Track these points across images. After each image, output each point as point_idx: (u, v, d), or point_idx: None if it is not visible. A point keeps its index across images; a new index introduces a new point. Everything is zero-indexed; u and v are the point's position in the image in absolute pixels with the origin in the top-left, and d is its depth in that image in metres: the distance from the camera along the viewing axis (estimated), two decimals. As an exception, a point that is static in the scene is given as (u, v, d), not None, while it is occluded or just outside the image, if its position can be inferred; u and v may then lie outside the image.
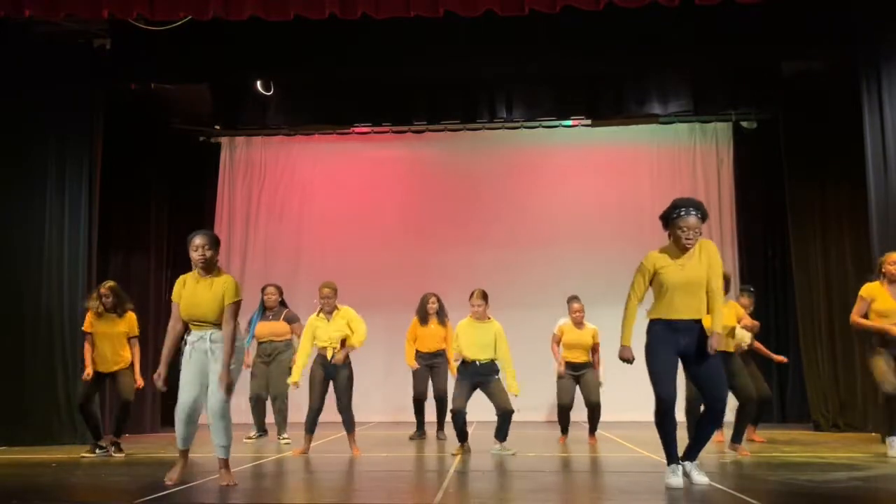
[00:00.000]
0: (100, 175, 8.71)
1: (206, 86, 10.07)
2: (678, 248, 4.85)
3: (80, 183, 8.53)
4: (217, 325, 5.08)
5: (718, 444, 7.21)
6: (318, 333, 7.14)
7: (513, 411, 6.95)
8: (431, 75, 9.53)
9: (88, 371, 7.17)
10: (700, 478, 4.83)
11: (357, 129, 11.30)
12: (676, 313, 4.83)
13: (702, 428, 5.00)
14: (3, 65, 8.28)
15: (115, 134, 9.10)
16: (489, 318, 7.15)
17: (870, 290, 6.50)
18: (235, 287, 5.11)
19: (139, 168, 10.02)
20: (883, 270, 6.50)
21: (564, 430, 7.95)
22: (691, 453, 4.95)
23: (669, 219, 4.87)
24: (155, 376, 5.21)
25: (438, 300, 8.51)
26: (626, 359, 4.92)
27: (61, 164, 8.52)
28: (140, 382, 7.41)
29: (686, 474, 4.85)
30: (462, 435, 6.98)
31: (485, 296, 7.15)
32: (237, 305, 5.09)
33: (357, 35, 8.27)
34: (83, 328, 7.30)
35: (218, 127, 11.30)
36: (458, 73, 9.38)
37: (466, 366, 7.06)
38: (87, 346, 7.25)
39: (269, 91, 9.94)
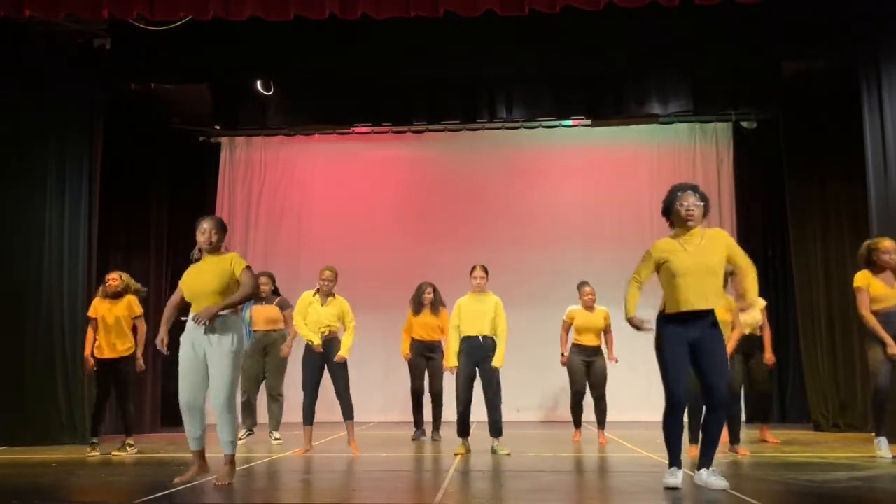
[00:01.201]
0: (100, 175, 8.71)
1: (206, 86, 10.06)
2: (682, 228, 4.86)
3: (80, 183, 8.54)
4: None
5: (721, 444, 7.19)
6: (310, 311, 7.19)
7: (499, 401, 6.96)
8: (431, 75, 9.52)
9: (91, 362, 7.26)
10: (718, 482, 4.70)
11: (357, 129, 11.30)
12: (686, 304, 4.74)
13: (706, 427, 4.92)
14: (3, 65, 8.28)
15: (115, 134, 9.10)
16: (488, 292, 7.15)
17: (865, 277, 6.43)
18: (240, 257, 5.23)
19: (139, 168, 10.02)
20: (874, 259, 6.40)
21: (577, 424, 7.85)
22: (704, 459, 4.85)
23: (670, 204, 4.91)
24: (157, 342, 5.20)
25: (434, 290, 8.56)
26: (636, 326, 4.83)
27: (61, 164, 8.53)
28: (141, 365, 7.46)
29: (704, 483, 4.74)
30: (465, 429, 6.94)
31: (486, 269, 7.18)
32: (249, 268, 5.19)
33: (357, 35, 8.27)
34: (87, 314, 7.38)
35: (218, 127, 11.30)
36: (458, 73, 9.38)
37: (468, 341, 6.98)
38: (89, 332, 7.33)
39: (269, 91, 9.93)
